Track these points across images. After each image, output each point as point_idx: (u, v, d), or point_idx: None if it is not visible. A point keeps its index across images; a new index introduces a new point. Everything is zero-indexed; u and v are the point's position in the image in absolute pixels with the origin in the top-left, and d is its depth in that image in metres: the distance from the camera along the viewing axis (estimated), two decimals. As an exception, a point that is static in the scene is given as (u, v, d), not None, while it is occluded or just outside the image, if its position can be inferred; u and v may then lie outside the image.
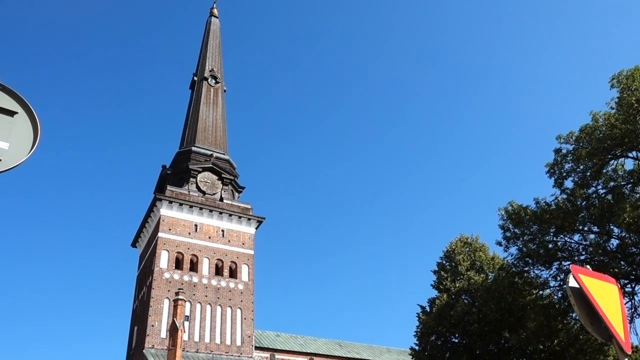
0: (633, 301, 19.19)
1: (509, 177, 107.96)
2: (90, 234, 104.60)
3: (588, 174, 18.53)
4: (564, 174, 19.45)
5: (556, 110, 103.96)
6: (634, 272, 18.95)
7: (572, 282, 4.88)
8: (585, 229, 19.22)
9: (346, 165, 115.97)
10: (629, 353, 4.69)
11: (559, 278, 19.75)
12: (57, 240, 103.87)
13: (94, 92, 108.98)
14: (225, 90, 48.87)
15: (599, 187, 18.71)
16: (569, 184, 19.49)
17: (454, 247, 28.35)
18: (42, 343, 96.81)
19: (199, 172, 40.66)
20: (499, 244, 21.56)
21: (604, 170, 18.35)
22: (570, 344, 21.76)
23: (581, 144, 18.64)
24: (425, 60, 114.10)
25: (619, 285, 5.28)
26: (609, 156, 17.90)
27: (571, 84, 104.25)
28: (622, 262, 18.90)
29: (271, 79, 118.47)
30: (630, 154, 17.93)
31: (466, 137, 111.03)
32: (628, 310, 18.77)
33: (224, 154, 43.90)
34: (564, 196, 19.43)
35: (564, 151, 19.44)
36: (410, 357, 27.04)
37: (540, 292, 21.09)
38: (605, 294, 4.85)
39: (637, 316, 19.28)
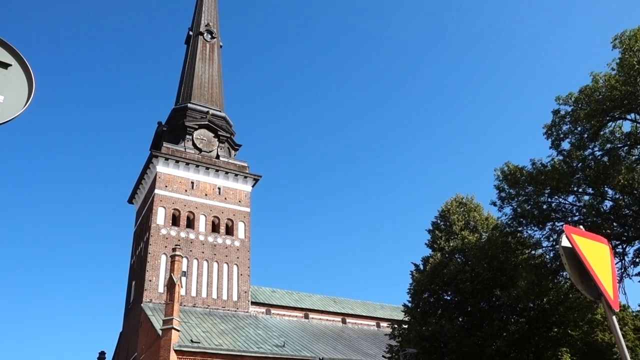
0: (623, 261, 19.53)
1: (508, 139, 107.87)
2: (87, 190, 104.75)
3: (585, 135, 18.49)
4: (562, 136, 19.41)
5: (559, 72, 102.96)
6: (625, 234, 19.21)
7: (564, 242, 4.94)
8: (580, 190, 19.33)
9: (343, 124, 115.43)
10: (617, 311, 4.81)
11: (551, 238, 20.01)
12: (55, 196, 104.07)
13: (88, 47, 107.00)
14: (221, 46, 48.04)
15: (596, 149, 18.71)
16: (565, 145, 19.49)
17: (449, 207, 28.57)
18: (41, 297, 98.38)
19: (195, 129, 40.43)
20: (494, 204, 21.73)
21: (602, 132, 18.30)
22: (559, 302, 22.26)
23: (580, 106, 18.52)
24: (428, 21, 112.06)
25: (611, 246, 5.36)
26: (607, 118, 17.83)
27: (574, 46, 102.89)
28: (614, 224, 19.12)
29: (268, 36, 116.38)
30: (628, 116, 17.85)
31: (468, 98, 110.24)
32: (618, 270, 19.13)
33: (220, 111, 43.57)
34: (560, 158, 19.45)
35: (562, 112, 19.32)
36: (403, 313, 27.64)
37: (533, 252, 21.40)
38: (596, 254, 4.93)
39: (626, 276, 19.66)
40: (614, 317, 4.73)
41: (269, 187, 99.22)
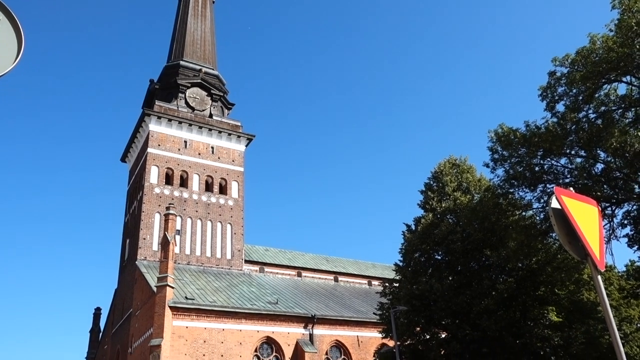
0: (612, 223, 19.80)
1: (505, 101, 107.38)
2: (79, 148, 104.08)
3: (580, 98, 18.39)
4: (556, 98, 19.30)
5: (559, 34, 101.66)
6: (615, 196, 19.42)
7: (554, 203, 5.01)
8: (573, 152, 19.39)
9: (338, 84, 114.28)
10: (602, 270, 4.92)
11: (542, 200, 20.19)
12: (47, 154, 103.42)
13: (78, 2, 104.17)
14: (213, 2, 46.94)
15: (590, 111, 18.65)
16: (560, 107, 19.40)
17: (442, 168, 28.65)
18: (36, 253, 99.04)
19: (188, 87, 39.95)
20: (487, 165, 21.78)
21: (596, 95, 18.21)
22: (547, 262, 22.68)
23: (576, 67, 18.35)
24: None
25: (600, 208, 5.44)
26: (603, 80, 17.71)
27: (574, 7, 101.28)
28: (605, 186, 19.30)
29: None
30: (624, 79, 17.73)
31: (466, 60, 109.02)
32: (606, 232, 19.41)
33: (213, 69, 42.97)
34: (554, 120, 19.41)
35: (558, 74, 19.15)
36: (395, 272, 28.11)
37: (523, 213, 21.63)
38: (585, 215, 5.00)
39: (614, 238, 19.97)
40: (599, 277, 4.84)
41: (263, 147, 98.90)
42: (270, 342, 29.35)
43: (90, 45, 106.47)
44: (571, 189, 5.29)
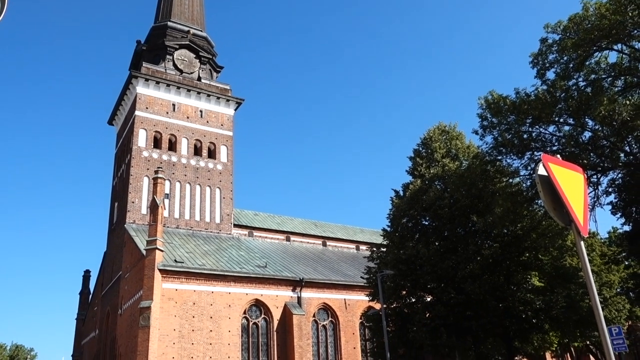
0: (597, 191, 20.10)
1: (496, 69, 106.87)
2: (66, 111, 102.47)
3: (571, 65, 18.36)
4: (547, 65, 19.24)
5: (552, 1, 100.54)
6: (601, 164, 19.65)
7: (541, 170, 5.06)
8: (561, 120, 19.47)
9: (328, 51, 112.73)
10: (585, 236, 5.02)
11: (529, 167, 20.37)
12: (35, 116, 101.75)
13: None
14: (202, -40, 45.61)
15: (580, 79, 18.65)
16: (551, 75, 19.36)
17: (431, 134, 28.69)
18: (25, 215, 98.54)
19: (176, 49, 39.25)
20: (476, 132, 21.83)
21: (587, 63, 18.19)
22: (532, 228, 23.04)
23: (568, 34, 18.25)
24: None
25: (585, 175, 5.51)
26: (594, 48, 17.65)
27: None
28: (591, 154, 19.49)
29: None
30: (615, 47, 17.70)
31: (459, 24, 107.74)
32: (591, 199, 19.72)
33: (201, 31, 42.15)
34: (545, 87, 19.41)
35: (550, 41, 19.06)
36: (382, 237, 28.45)
37: (510, 180, 21.84)
38: (570, 182, 5.07)
39: (598, 205, 20.31)
40: (582, 243, 4.94)
41: (252, 111, 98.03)
42: (259, 305, 29.82)
43: (75, 4, 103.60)
44: (558, 156, 5.34)
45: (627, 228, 25.06)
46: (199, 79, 39.28)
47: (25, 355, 76.49)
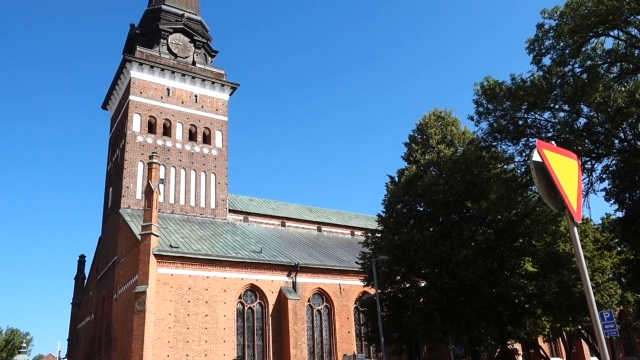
0: (591, 177, 20.19)
1: (492, 54, 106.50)
2: (59, 95, 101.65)
3: (567, 51, 18.30)
4: (543, 51, 19.16)
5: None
6: (596, 150, 19.71)
7: (535, 157, 5.06)
8: (556, 107, 19.46)
9: (323, 34, 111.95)
10: (579, 222, 5.04)
11: (524, 153, 20.40)
12: (28, 101, 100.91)
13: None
14: (196, -57, 44.97)
15: (576, 65, 18.61)
16: (547, 61, 19.31)
17: (426, 120, 28.67)
18: (20, 200, 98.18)
19: (170, 32, 38.87)
20: (471, 118, 21.82)
21: (583, 49, 18.14)
22: (526, 214, 23.18)
23: (564, 20, 18.16)
24: None
25: (580, 162, 5.53)
26: (591, 34, 17.59)
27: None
28: (586, 140, 19.53)
29: None
30: (611, 33, 17.65)
31: (456, 9, 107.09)
32: (585, 186, 19.80)
33: (195, 15, 41.73)
34: (540, 73, 19.36)
35: (546, 27, 18.97)
36: (377, 223, 28.54)
37: (505, 167, 21.90)
38: (565, 168, 5.07)
39: (592, 191, 20.41)
40: (575, 229, 4.96)
41: (248, 96, 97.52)
42: (254, 290, 29.95)
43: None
44: (553, 142, 5.33)
45: (620, 214, 25.24)
46: (194, 63, 38.98)
47: (21, 339, 76.76)
